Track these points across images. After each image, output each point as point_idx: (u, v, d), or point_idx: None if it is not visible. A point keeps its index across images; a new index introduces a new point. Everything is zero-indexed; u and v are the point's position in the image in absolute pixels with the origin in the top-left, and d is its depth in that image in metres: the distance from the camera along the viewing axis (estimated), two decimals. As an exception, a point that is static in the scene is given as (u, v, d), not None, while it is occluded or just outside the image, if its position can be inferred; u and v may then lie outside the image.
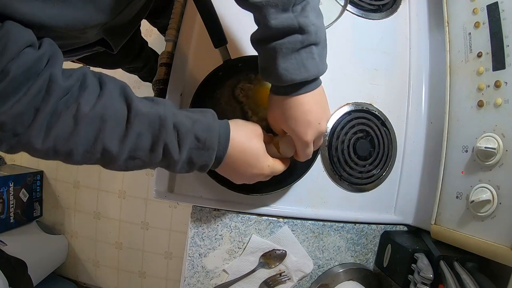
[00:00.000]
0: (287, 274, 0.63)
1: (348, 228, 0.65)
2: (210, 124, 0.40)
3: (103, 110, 0.34)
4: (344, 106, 0.65)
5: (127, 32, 0.60)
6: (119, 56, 0.90)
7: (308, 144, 0.46)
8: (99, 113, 0.33)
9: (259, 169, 0.45)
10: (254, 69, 0.60)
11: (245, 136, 0.44)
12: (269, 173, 0.47)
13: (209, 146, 0.40)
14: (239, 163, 0.44)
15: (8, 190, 1.44)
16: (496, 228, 0.47)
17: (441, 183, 0.57)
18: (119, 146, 0.35)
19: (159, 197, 0.60)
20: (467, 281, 0.49)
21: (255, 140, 0.45)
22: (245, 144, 0.43)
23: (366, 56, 0.67)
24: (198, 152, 0.40)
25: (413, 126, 0.67)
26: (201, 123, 0.39)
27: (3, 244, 1.29)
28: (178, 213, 1.58)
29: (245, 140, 0.44)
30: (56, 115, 0.32)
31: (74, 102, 0.33)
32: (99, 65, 0.95)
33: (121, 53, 0.89)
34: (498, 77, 0.49)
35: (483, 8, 0.51)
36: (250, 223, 0.62)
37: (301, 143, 0.45)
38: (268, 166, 0.46)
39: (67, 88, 0.32)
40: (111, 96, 0.35)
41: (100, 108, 0.34)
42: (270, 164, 0.46)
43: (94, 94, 0.34)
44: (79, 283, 1.64)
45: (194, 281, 0.62)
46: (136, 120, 0.35)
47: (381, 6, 0.69)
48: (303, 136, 0.44)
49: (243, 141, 0.43)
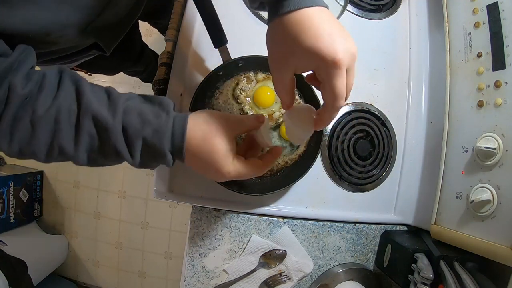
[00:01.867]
0: (287, 274, 0.63)
1: (348, 228, 0.65)
2: (161, 126, 0.36)
3: (56, 112, 0.34)
4: (344, 106, 0.65)
5: (119, 33, 0.59)
6: (119, 61, 0.90)
7: (341, 67, 0.31)
8: (52, 115, 0.33)
9: (220, 175, 0.39)
10: (254, 69, 0.60)
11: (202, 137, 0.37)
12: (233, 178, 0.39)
13: (160, 151, 0.36)
14: (199, 166, 0.39)
15: (8, 190, 1.44)
16: (496, 228, 0.47)
17: (441, 183, 0.57)
18: (74, 148, 0.35)
19: (159, 197, 0.60)
20: (467, 281, 0.49)
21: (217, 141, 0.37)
22: (201, 147, 0.37)
23: (366, 56, 0.67)
24: (151, 156, 0.37)
25: (413, 126, 0.67)
26: (151, 125, 0.35)
27: (3, 244, 1.29)
28: (178, 213, 1.58)
29: (202, 142, 0.37)
30: (17, 120, 0.33)
31: (31, 105, 0.33)
32: (99, 71, 0.95)
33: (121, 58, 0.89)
34: (498, 77, 0.49)
35: (483, 8, 0.51)
36: (250, 223, 0.62)
37: (331, 67, 0.31)
38: (229, 173, 0.38)
39: (25, 94, 0.33)
40: (65, 97, 0.34)
41: (54, 110, 0.33)
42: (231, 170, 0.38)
43: (50, 95, 0.34)
44: (79, 283, 1.64)
45: (194, 281, 0.62)
46: (86, 121, 0.34)
47: (381, 6, 0.69)
48: (331, 53, 0.31)
49: (198, 144, 0.37)
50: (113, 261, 1.62)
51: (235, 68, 0.59)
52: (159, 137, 0.36)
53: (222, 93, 0.60)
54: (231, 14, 0.61)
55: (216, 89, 0.60)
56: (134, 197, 1.60)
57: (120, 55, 0.84)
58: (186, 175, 0.61)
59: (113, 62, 0.86)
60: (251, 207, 0.62)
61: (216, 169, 0.38)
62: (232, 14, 0.61)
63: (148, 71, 1.11)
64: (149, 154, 0.37)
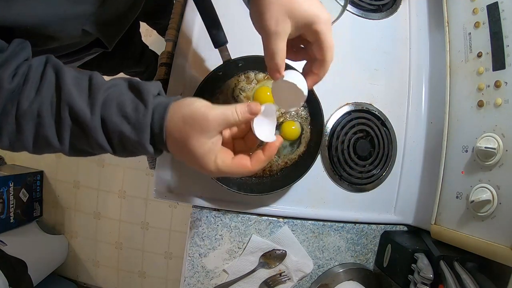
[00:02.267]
0: (287, 274, 0.63)
1: (348, 228, 0.65)
2: (139, 122, 0.35)
3: (39, 105, 0.34)
4: (344, 106, 0.65)
5: (119, 28, 0.59)
6: (120, 60, 0.90)
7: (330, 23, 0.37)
8: (35, 109, 0.34)
9: (205, 172, 0.37)
10: (254, 69, 0.60)
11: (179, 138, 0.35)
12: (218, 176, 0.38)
13: (141, 145, 0.35)
14: (185, 160, 0.38)
15: (8, 190, 1.44)
16: (496, 228, 0.47)
17: (441, 183, 0.57)
18: (58, 140, 0.35)
19: (159, 197, 0.60)
20: (467, 281, 0.49)
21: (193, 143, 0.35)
22: (180, 146, 0.36)
23: (366, 56, 0.67)
24: (133, 148, 0.36)
25: (413, 126, 0.67)
26: (128, 120, 0.35)
27: (3, 244, 1.29)
28: (178, 213, 1.58)
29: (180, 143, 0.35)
30: (5, 115, 0.33)
31: (16, 100, 0.33)
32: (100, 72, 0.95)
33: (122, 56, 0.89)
34: (498, 77, 0.49)
35: (483, 8, 0.51)
36: (250, 223, 0.62)
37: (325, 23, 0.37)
38: (212, 172, 0.37)
39: (12, 88, 0.33)
40: (47, 89, 0.34)
41: (36, 103, 0.34)
42: (213, 169, 0.37)
43: (34, 88, 0.34)
44: (79, 283, 1.64)
45: (194, 281, 0.62)
46: (65, 114, 0.34)
47: (381, 6, 0.69)
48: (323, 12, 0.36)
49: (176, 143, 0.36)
50: (113, 261, 1.62)
51: (235, 68, 0.59)
52: (137, 133, 0.35)
53: (222, 93, 0.60)
54: (231, 14, 0.61)
55: (216, 89, 0.60)
56: (134, 197, 1.60)
57: (121, 54, 0.84)
58: (186, 175, 0.61)
59: (114, 61, 0.86)
60: (251, 207, 0.62)
61: (199, 167, 0.37)
62: (232, 14, 0.61)
63: (148, 71, 1.12)
64: (131, 147, 0.36)
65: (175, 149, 0.36)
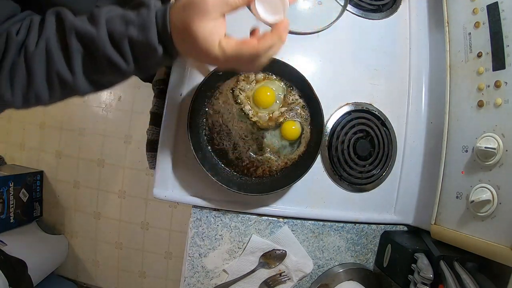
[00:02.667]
0: (287, 274, 0.63)
1: (348, 228, 0.65)
2: (144, 22, 0.36)
3: (46, 42, 0.35)
4: (344, 106, 0.65)
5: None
6: None
7: None
8: (43, 47, 0.35)
9: (212, 61, 0.38)
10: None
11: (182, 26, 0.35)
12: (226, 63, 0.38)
13: (149, 45, 0.36)
14: (192, 54, 0.38)
15: (8, 190, 1.44)
16: (496, 228, 0.47)
17: (441, 183, 0.57)
18: (70, 73, 0.36)
19: (159, 197, 0.60)
20: (467, 281, 0.49)
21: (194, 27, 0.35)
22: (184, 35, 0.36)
23: (366, 56, 0.67)
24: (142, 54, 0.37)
25: (413, 126, 0.67)
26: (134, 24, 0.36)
27: (3, 244, 1.29)
28: (178, 213, 1.58)
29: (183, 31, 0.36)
30: (14, 66, 0.35)
31: (23, 47, 0.35)
32: None
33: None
34: (498, 77, 0.49)
35: (483, 8, 0.51)
36: (250, 223, 0.62)
37: None
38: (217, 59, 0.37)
39: (21, 40, 0.35)
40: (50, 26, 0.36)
41: (43, 42, 0.35)
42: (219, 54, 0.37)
43: (37, 32, 0.36)
44: (79, 283, 1.64)
45: (194, 281, 0.62)
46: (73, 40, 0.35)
47: (381, 6, 0.69)
48: None
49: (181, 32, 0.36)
50: (113, 261, 1.62)
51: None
52: (144, 32, 0.36)
53: (222, 93, 0.60)
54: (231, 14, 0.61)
55: (216, 89, 0.60)
56: (134, 197, 1.60)
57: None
58: (186, 175, 0.61)
59: None
60: (251, 207, 0.62)
61: (205, 54, 0.37)
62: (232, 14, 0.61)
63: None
64: (140, 52, 0.37)
65: (180, 41, 0.37)
